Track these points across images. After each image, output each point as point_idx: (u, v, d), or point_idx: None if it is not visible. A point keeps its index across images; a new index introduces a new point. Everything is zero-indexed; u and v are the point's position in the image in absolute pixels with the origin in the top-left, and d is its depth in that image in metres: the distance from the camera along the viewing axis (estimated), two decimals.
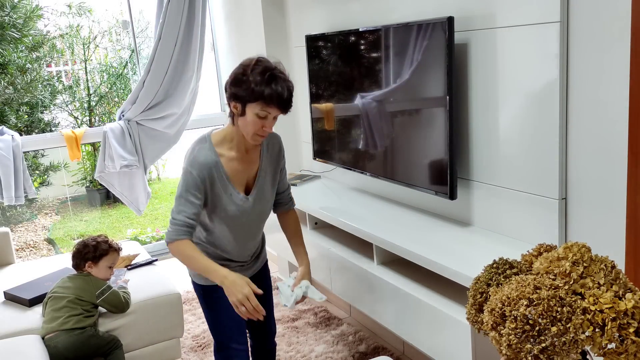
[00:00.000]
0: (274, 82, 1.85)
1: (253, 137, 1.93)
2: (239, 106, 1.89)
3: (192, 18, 3.70)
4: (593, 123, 1.87)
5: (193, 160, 1.92)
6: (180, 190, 1.93)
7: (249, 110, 1.87)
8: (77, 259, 2.60)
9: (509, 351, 1.17)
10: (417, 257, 2.21)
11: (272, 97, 1.85)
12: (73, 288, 2.51)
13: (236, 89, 1.87)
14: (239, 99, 1.87)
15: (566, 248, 1.27)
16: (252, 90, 1.83)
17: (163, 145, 4.02)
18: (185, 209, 1.91)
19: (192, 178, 1.91)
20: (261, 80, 1.84)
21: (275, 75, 1.87)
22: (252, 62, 1.88)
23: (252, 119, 1.88)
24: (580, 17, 1.84)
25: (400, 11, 2.61)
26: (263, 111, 1.87)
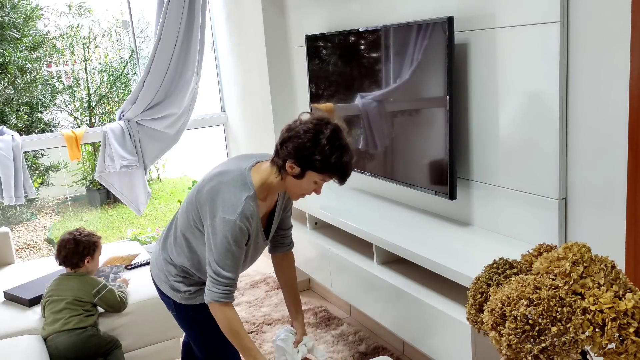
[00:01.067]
0: (346, 156, 1.78)
1: (297, 197, 1.88)
2: (297, 169, 1.78)
3: (192, 18, 3.70)
4: (593, 123, 1.87)
5: (242, 213, 1.77)
6: (228, 244, 1.77)
7: (308, 176, 1.79)
8: (75, 258, 2.54)
9: (509, 351, 1.17)
10: (417, 257, 2.21)
11: (340, 171, 1.79)
12: (70, 289, 2.50)
13: (304, 153, 1.75)
14: (303, 164, 1.77)
15: (566, 248, 1.27)
16: (325, 163, 1.75)
17: (163, 145, 4.02)
18: (233, 265, 1.79)
19: (241, 232, 1.78)
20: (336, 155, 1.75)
21: (348, 149, 1.79)
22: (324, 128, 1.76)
23: (308, 185, 1.82)
24: (580, 17, 1.84)
25: (400, 11, 2.61)
26: (322, 180, 1.81)
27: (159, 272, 2.05)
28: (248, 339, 1.85)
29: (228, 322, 1.82)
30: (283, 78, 3.68)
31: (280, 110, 3.70)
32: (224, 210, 1.78)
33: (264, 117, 3.81)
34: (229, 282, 1.80)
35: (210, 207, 1.81)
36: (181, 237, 1.96)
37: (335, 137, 1.76)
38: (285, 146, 1.78)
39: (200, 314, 1.98)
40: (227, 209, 1.78)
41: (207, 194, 1.84)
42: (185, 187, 5.41)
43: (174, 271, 2.00)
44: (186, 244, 1.95)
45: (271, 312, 3.42)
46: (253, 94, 3.92)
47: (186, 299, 2.00)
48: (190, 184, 5.10)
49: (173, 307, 2.04)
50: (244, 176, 1.84)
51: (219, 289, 1.80)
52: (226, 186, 1.82)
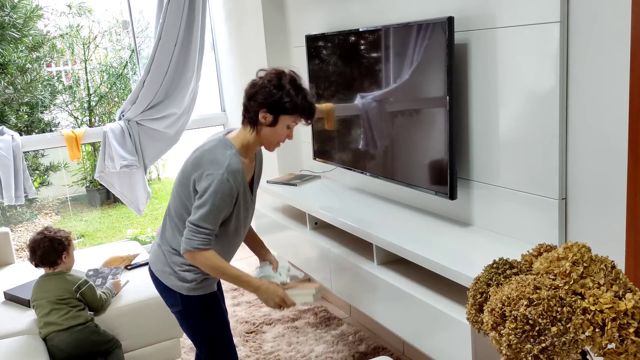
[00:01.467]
0: (305, 95, 1.93)
1: (274, 146, 2.00)
2: (270, 117, 1.92)
3: (192, 18, 3.70)
4: (593, 123, 1.87)
5: (229, 167, 1.88)
6: (213, 198, 1.87)
7: (282, 121, 1.93)
8: (52, 255, 2.51)
9: (509, 351, 1.17)
10: (417, 257, 2.21)
11: (307, 110, 1.94)
12: (52, 289, 2.48)
13: (273, 99, 1.90)
14: (274, 110, 1.91)
15: (566, 248, 1.27)
16: (293, 103, 1.90)
17: (163, 145, 4.02)
18: (215, 219, 1.90)
19: (228, 186, 1.88)
20: (300, 95, 1.91)
21: (303, 88, 1.94)
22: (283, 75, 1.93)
23: (282, 130, 1.95)
24: (580, 17, 1.84)
25: (400, 11, 2.61)
26: (294, 122, 1.95)
27: (162, 266, 2.07)
28: (234, 269, 1.96)
29: (211, 262, 1.92)
30: None
31: None
32: (212, 167, 1.89)
33: None
34: (209, 232, 1.90)
35: (198, 172, 1.91)
36: (179, 222, 2.01)
37: (296, 81, 1.95)
38: (255, 99, 1.93)
39: (206, 302, 2.06)
40: (214, 165, 1.89)
41: (192, 165, 1.95)
42: None
43: (179, 260, 2.03)
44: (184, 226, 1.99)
45: (271, 312, 3.42)
46: None
47: (193, 289, 2.03)
48: None
49: (179, 302, 2.06)
50: (222, 140, 1.98)
51: (199, 238, 1.89)
52: (209, 151, 1.94)
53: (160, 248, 2.08)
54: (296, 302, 2.07)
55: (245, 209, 2.03)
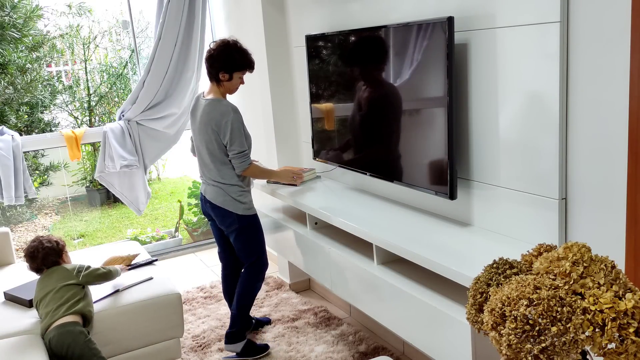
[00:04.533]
0: (248, 55, 2.82)
1: (234, 92, 2.88)
2: (226, 75, 2.78)
3: (192, 18, 3.70)
4: (593, 123, 1.87)
5: (234, 109, 2.75)
6: (239, 131, 2.75)
7: (235, 76, 2.80)
8: (54, 256, 2.60)
9: (509, 351, 1.17)
10: (417, 257, 2.21)
11: (250, 65, 2.82)
12: (54, 281, 2.52)
13: (221, 63, 2.75)
14: (229, 69, 2.76)
15: (566, 248, 1.27)
16: (239, 63, 2.77)
17: (163, 145, 4.02)
18: (245, 142, 2.79)
19: (238, 119, 2.75)
20: (241, 55, 2.77)
21: (246, 50, 2.81)
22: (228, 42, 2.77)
23: (237, 82, 2.83)
24: (580, 17, 1.84)
25: (400, 11, 2.61)
26: (243, 74, 2.82)
27: (224, 197, 2.85)
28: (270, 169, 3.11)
29: (257, 171, 2.90)
30: (283, 78, 3.68)
31: (280, 110, 3.70)
32: (224, 117, 2.74)
33: (264, 117, 3.81)
34: (248, 153, 2.83)
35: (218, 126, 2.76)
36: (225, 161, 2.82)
37: (237, 45, 2.79)
38: (214, 66, 2.78)
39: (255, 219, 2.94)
40: (224, 115, 2.74)
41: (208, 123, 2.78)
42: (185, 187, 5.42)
43: (236, 189, 2.86)
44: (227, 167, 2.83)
45: (271, 312, 3.42)
46: (253, 94, 3.92)
47: (247, 209, 2.89)
48: (190, 184, 5.10)
49: (236, 221, 2.87)
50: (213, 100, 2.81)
51: (244, 159, 2.80)
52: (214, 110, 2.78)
53: (218, 185, 2.85)
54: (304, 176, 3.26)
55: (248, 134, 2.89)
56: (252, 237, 2.92)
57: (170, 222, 5.93)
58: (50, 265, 2.59)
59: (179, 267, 4.31)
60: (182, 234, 5.14)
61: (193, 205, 5.00)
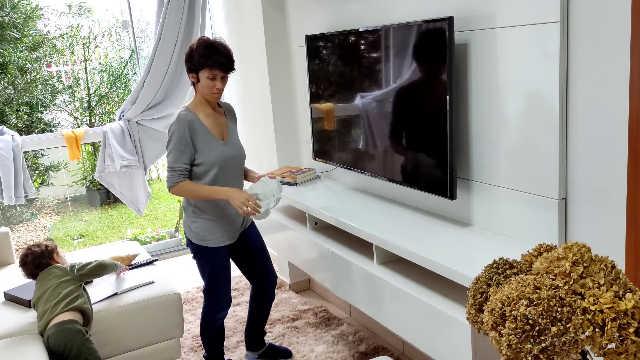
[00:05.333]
0: (214, 52, 2.41)
1: (212, 96, 2.47)
2: (194, 75, 2.46)
3: (192, 18, 3.70)
4: (593, 123, 1.87)
5: (177, 119, 2.44)
6: (172, 144, 2.42)
7: (201, 76, 2.43)
8: (44, 258, 2.64)
9: (509, 351, 1.17)
10: (417, 257, 2.21)
11: (214, 63, 2.39)
12: (52, 279, 2.54)
13: (188, 63, 2.44)
14: (192, 70, 2.44)
15: (566, 248, 1.27)
16: (199, 61, 2.40)
17: (163, 145, 4.02)
18: (179, 157, 2.42)
19: (178, 132, 2.42)
20: (204, 52, 2.40)
21: (214, 46, 2.42)
22: (196, 42, 2.45)
23: (205, 82, 2.43)
24: (580, 17, 1.84)
25: (400, 11, 2.61)
26: (211, 74, 2.41)
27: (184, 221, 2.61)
28: (207, 187, 2.45)
29: (184, 189, 2.44)
30: (283, 78, 3.68)
31: (280, 110, 3.70)
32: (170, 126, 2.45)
33: (264, 117, 3.81)
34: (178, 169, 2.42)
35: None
36: None
37: (202, 41, 2.44)
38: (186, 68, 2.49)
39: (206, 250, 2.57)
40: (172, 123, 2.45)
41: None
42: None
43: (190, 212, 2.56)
44: None
45: (271, 312, 3.42)
46: (253, 94, 3.92)
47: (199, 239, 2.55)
48: None
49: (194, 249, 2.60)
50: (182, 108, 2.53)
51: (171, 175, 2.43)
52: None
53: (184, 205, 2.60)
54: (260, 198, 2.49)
55: (216, 149, 2.48)
56: (203, 267, 2.61)
57: (170, 222, 5.93)
58: (43, 268, 2.62)
59: (179, 267, 4.31)
60: (182, 234, 5.14)
61: None
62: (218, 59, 2.40)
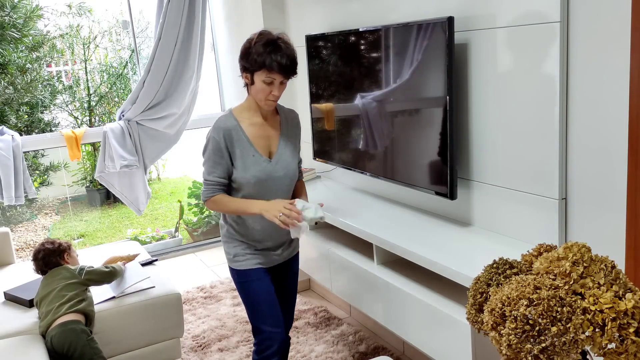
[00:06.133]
0: (275, 51, 2.05)
1: (265, 103, 2.13)
2: (248, 76, 2.12)
3: (192, 18, 3.70)
4: (593, 123, 1.87)
5: (214, 126, 2.14)
6: (207, 154, 2.14)
7: (256, 78, 2.09)
8: (54, 256, 2.63)
9: (509, 351, 1.17)
10: (417, 257, 2.21)
11: (274, 65, 2.04)
12: (58, 280, 2.53)
13: (243, 61, 2.11)
14: (247, 70, 2.11)
15: (566, 248, 1.27)
16: (256, 60, 2.05)
17: (163, 145, 4.02)
18: (214, 170, 2.13)
19: (214, 141, 2.12)
20: (263, 50, 2.05)
21: (277, 44, 2.06)
22: (255, 36, 2.10)
23: (261, 86, 2.09)
24: (580, 17, 1.84)
25: (400, 11, 2.61)
26: (268, 77, 2.07)
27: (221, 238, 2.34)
28: (241, 200, 2.15)
29: (218, 203, 2.16)
30: None
31: None
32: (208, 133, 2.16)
33: None
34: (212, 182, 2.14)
35: None
36: None
37: (261, 37, 2.09)
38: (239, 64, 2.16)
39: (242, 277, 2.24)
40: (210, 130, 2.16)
41: None
42: (185, 187, 5.42)
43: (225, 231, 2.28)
44: None
45: None
46: None
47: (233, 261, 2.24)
48: (190, 184, 5.10)
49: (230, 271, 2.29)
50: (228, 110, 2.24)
51: (205, 188, 2.16)
52: None
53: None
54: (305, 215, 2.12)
55: (256, 165, 2.15)
56: (244, 300, 2.25)
57: (170, 222, 5.93)
58: (52, 266, 2.62)
59: (179, 267, 4.31)
60: (182, 234, 5.14)
61: (193, 205, 5.00)
62: (279, 61, 2.04)
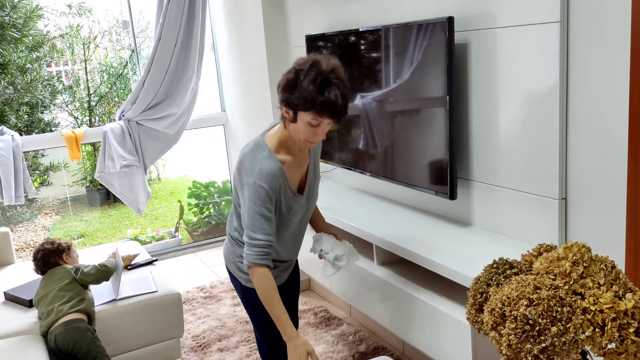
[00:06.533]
0: (328, 90, 1.73)
1: (304, 143, 1.86)
2: (290, 112, 1.80)
3: (192, 18, 3.70)
4: (593, 123, 1.87)
5: (260, 172, 1.82)
6: (253, 207, 1.82)
7: (300, 118, 1.78)
8: (53, 257, 2.62)
9: (509, 351, 1.17)
10: (417, 257, 2.21)
11: (325, 107, 1.73)
12: (55, 280, 2.53)
13: (288, 94, 1.77)
14: (291, 106, 1.78)
15: (566, 248, 1.27)
16: (304, 98, 1.73)
17: (163, 145, 4.02)
18: (264, 226, 1.82)
19: (264, 192, 1.81)
20: (314, 88, 1.72)
21: (330, 82, 1.73)
22: (306, 66, 1.75)
23: (304, 128, 1.79)
24: (580, 17, 1.84)
25: (400, 11, 2.61)
26: (315, 120, 1.77)
27: (227, 253, 2.10)
28: (280, 308, 1.82)
29: (263, 283, 1.82)
30: None
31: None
32: (246, 176, 1.85)
33: (264, 117, 3.81)
34: (262, 244, 1.82)
35: (239, 180, 1.90)
36: (237, 216, 2.01)
37: (314, 71, 1.73)
38: (278, 91, 1.81)
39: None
40: (249, 174, 1.84)
41: (236, 171, 1.93)
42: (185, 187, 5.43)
43: (239, 251, 2.02)
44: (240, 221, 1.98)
45: None
46: (253, 94, 3.92)
47: (250, 281, 2.00)
48: (190, 184, 5.10)
49: (240, 289, 2.09)
50: (257, 141, 1.91)
51: (253, 251, 1.82)
52: (246, 156, 1.89)
53: (229, 234, 2.09)
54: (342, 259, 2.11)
55: (288, 207, 1.94)
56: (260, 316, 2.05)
57: (170, 222, 5.93)
58: (51, 266, 2.62)
59: (179, 267, 4.31)
60: (182, 234, 5.14)
61: (193, 205, 5.00)
62: (332, 103, 1.72)
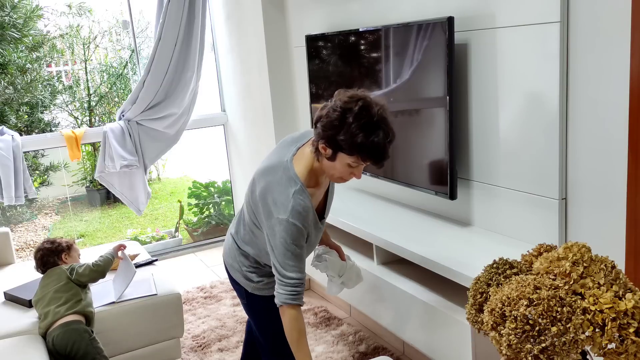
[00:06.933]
0: (376, 135, 1.65)
1: (336, 180, 1.82)
2: (329, 151, 1.71)
3: (192, 18, 3.70)
4: (593, 123, 1.87)
5: (293, 210, 1.75)
6: (285, 245, 1.75)
7: (340, 158, 1.71)
8: (52, 256, 2.60)
9: (509, 351, 1.17)
10: (417, 257, 2.21)
11: (371, 154, 1.67)
12: (52, 282, 2.52)
13: (332, 134, 1.67)
14: (333, 146, 1.69)
15: (566, 248, 1.27)
16: (352, 143, 1.65)
17: (163, 145, 4.02)
18: (296, 264, 1.76)
19: (297, 230, 1.75)
20: (362, 133, 1.64)
21: (379, 127, 1.65)
22: (355, 107, 1.66)
23: (342, 167, 1.74)
24: (580, 17, 1.84)
25: (400, 11, 2.61)
26: (356, 162, 1.71)
27: (232, 261, 2.05)
28: (304, 351, 1.78)
29: (291, 326, 1.78)
30: (283, 78, 3.68)
31: (280, 110, 3.70)
32: (276, 210, 1.76)
33: (264, 117, 3.81)
34: (295, 283, 1.77)
35: (263, 208, 1.80)
36: (249, 231, 1.96)
37: (363, 114, 1.64)
38: (317, 126, 1.72)
39: (271, 303, 1.87)
40: (279, 208, 1.75)
41: (259, 196, 1.82)
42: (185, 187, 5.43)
43: (246, 262, 2.00)
44: (254, 237, 1.94)
45: None
46: (253, 94, 3.92)
47: (259, 289, 2.00)
48: (190, 184, 5.10)
49: (244, 296, 2.04)
50: (287, 170, 1.80)
51: (285, 290, 1.77)
52: (274, 185, 1.79)
53: (234, 242, 2.03)
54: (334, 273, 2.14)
55: (315, 236, 1.93)
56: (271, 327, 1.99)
57: (170, 222, 5.93)
58: (50, 266, 2.61)
59: (179, 267, 4.31)
60: (182, 234, 5.14)
61: (193, 206, 5.00)
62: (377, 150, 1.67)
